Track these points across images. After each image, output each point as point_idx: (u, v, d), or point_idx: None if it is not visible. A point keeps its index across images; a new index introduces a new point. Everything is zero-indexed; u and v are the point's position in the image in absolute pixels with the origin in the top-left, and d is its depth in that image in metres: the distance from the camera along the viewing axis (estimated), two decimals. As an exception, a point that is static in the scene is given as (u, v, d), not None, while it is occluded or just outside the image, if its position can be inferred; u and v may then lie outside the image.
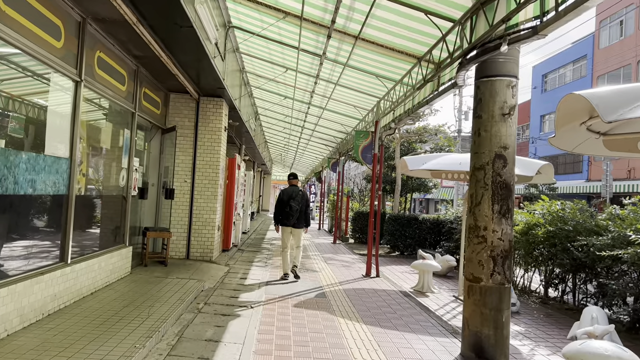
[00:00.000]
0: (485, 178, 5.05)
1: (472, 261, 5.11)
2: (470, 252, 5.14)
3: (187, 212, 9.57)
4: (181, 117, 9.65)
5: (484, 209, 5.04)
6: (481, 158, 5.09)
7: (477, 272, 5.04)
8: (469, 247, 5.18)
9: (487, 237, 5.01)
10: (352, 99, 10.99)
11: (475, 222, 5.11)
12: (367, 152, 9.94)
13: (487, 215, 5.02)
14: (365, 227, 17.68)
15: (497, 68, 5.05)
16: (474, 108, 5.25)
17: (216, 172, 9.68)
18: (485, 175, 5.05)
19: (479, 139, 5.12)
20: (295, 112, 14.87)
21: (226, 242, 11.13)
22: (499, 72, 5.05)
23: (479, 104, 5.16)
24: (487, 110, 5.07)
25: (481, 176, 5.08)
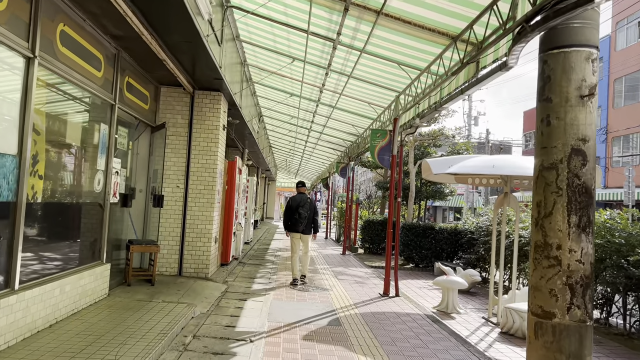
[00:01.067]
0: (558, 180, 3.82)
1: (540, 290, 3.86)
2: (538, 278, 3.89)
3: (180, 222, 8.37)
4: (173, 114, 8.48)
5: (556, 221, 3.80)
6: (552, 154, 3.86)
7: (548, 304, 3.79)
8: (535, 272, 3.94)
9: (562, 259, 3.76)
10: (367, 94, 9.79)
11: (544, 239, 3.87)
12: (385, 153, 8.74)
13: (561, 230, 3.78)
14: (375, 237, 16.49)
15: (572, 36, 3.83)
16: (540, 89, 4.03)
17: (213, 176, 8.49)
18: (559, 177, 3.81)
19: (549, 129, 3.89)
20: (302, 113, 13.69)
21: (225, 255, 9.92)
22: (575, 41, 3.82)
23: (547, 84, 3.93)
24: (559, 92, 3.84)
25: (552, 178, 3.85)
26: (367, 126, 12.47)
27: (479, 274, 11.59)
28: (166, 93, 8.47)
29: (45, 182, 4.81)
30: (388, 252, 8.77)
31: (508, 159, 9.01)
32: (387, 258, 8.77)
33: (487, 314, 8.08)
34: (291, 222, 8.94)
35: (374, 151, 8.76)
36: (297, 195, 9.20)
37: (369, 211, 23.52)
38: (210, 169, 8.47)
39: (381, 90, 9.23)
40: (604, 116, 33.40)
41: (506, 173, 7.98)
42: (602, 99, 33.31)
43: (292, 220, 8.92)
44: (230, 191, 9.94)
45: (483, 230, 12.26)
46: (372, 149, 8.75)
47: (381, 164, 8.83)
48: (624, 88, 32.00)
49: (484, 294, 10.45)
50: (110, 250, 6.82)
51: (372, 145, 8.77)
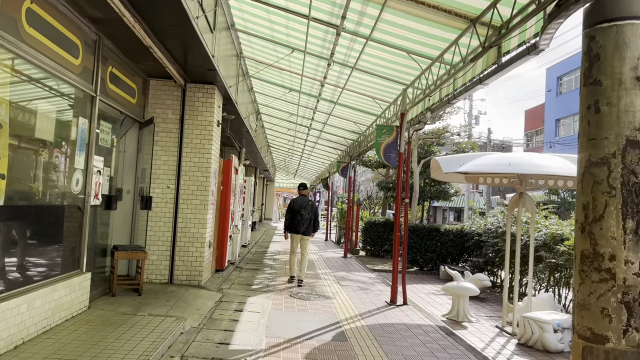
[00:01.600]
0: (610, 178, 3.20)
1: (589, 309, 3.25)
2: (586, 295, 3.28)
3: (170, 225, 7.74)
4: (163, 108, 7.85)
5: (608, 226, 3.18)
6: (602, 147, 3.24)
7: (599, 326, 3.17)
8: (582, 287, 3.32)
9: (617, 272, 3.15)
10: (371, 88, 9.17)
11: (593, 248, 3.25)
12: (391, 150, 8.12)
13: (614, 237, 3.16)
14: (377, 239, 15.90)
15: (626, 6, 3.23)
16: (585, 71, 3.41)
17: (206, 176, 7.87)
18: (611, 175, 3.20)
19: (598, 117, 3.28)
20: (301, 110, 13.07)
21: (220, 261, 9.30)
22: (630, 13, 3.22)
23: (594, 64, 3.32)
24: (610, 73, 3.23)
25: (603, 175, 3.23)
26: (370, 123, 11.86)
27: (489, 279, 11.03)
28: (155, 86, 7.85)
29: (10, 182, 4.18)
30: (395, 258, 8.16)
31: (524, 157, 8.35)
32: (394, 264, 8.16)
33: (501, 323, 7.51)
34: (293, 223, 9.14)
35: (379, 149, 8.15)
36: (299, 197, 9.37)
37: (369, 212, 22.92)
38: (203, 168, 7.85)
39: (387, 84, 8.61)
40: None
41: (523, 172, 7.37)
42: (605, 97, 32.71)
43: (294, 222, 9.11)
44: (225, 192, 9.32)
45: (492, 232, 11.67)
46: (377, 147, 8.14)
47: (387, 162, 8.23)
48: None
49: (495, 300, 9.87)
50: (92, 258, 6.19)
51: (378, 142, 8.16)
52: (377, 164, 18.46)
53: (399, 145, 8.07)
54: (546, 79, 41.41)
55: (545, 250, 8.77)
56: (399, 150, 8.09)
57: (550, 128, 40.29)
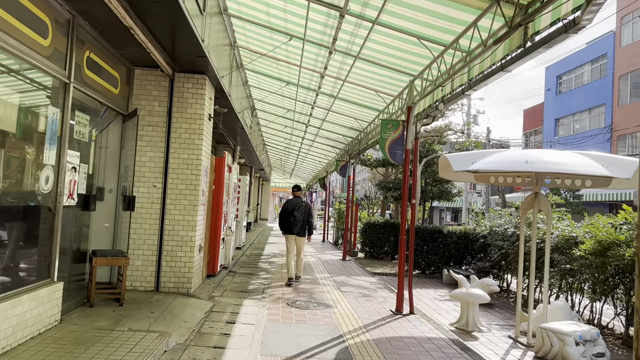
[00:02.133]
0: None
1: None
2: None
3: (157, 228, 7.09)
4: (149, 100, 7.20)
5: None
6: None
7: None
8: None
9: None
10: (375, 80, 8.54)
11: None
12: (397, 147, 7.50)
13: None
14: (377, 241, 15.33)
15: None
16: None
17: (196, 174, 7.22)
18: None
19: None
20: (299, 106, 12.44)
21: (212, 265, 8.65)
22: None
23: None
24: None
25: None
26: (372, 119, 11.24)
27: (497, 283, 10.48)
28: (141, 76, 7.19)
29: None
30: (401, 263, 7.53)
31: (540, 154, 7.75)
32: (400, 270, 7.53)
33: (514, 333, 6.94)
34: (286, 224, 9.26)
35: (384, 145, 7.52)
36: (293, 198, 9.54)
37: (368, 212, 22.31)
38: (193, 165, 7.20)
39: (392, 76, 7.99)
40: (608, 114, 32.42)
41: (542, 170, 6.76)
42: (606, 96, 32.35)
43: (288, 223, 9.24)
44: (218, 191, 8.68)
45: (499, 234, 11.09)
46: (382, 143, 7.51)
47: (393, 160, 7.60)
48: (629, 85, 31.00)
49: (503, 306, 9.31)
50: (67, 265, 5.53)
51: (382, 138, 7.53)
52: (377, 163, 17.84)
53: (406, 142, 7.46)
54: (545, 77, 40.95)
55: (558, 253, 8.20)
56: (405, 147, 7.47)
57: (550, 128, 39.85)
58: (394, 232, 15.73)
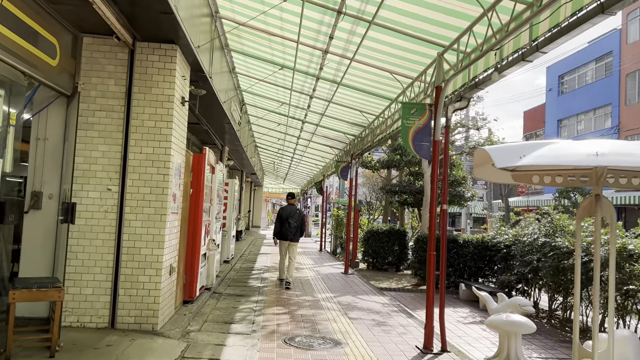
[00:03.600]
0: None
1: None
2: None
3: (112, 244, 5.38)
4: (103, 78, 5.50)
5: None
6: None
7: None
8: None
9: None
10: (392, 56, 6.89)
11: None
12: (423, 138, 5.86)
13: None
14: (380, 250, 13.84)
15: None
16: None
17: (164, 174, 5.53)
18: None
19: None
20: (295, 98, 10.80)
21: (190, 289, 6.94)
22: None
23: None
24: None
25: None
26: (381, 111, 9.62)
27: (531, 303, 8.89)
28: (91, 46, 5.50)
29: None
30: (430, 288, 5.86)
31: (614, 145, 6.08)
32: (429, 297, 5.86)
33: (573, 372, 5.28)
34: (281, 231, 9.60)
35: (407, 135, 5.87)
36: (287, 206, 9.92)
37: (368, 219, 20.67)
38: (159, 162, 5.51)
39: (414, 49, 6.36)
40: (615, 114, 31.16)
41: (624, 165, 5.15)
42: (612, 95, 31.07)
43: (282, 230, 9.58)
44: (196, 196, 6.99)
45: (527, 245, 9.54)
46: (404, 132, 5.86)
47: (417, 153, 5.96)
48: (637, 84, 29.73)
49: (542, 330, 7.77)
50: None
51: (405, 126, 5.88)
52: (380, 165, 16.20)
53: (434, 131, 5.82)
54: (546, 77, 39.73)
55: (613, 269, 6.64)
56: (433, 138, 5.84)
57: (552, 129, 38.55)
58: (399, 241, 14.27)
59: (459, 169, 14.67)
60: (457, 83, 6.21)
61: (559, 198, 26.01)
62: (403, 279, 13.06)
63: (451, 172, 14.35)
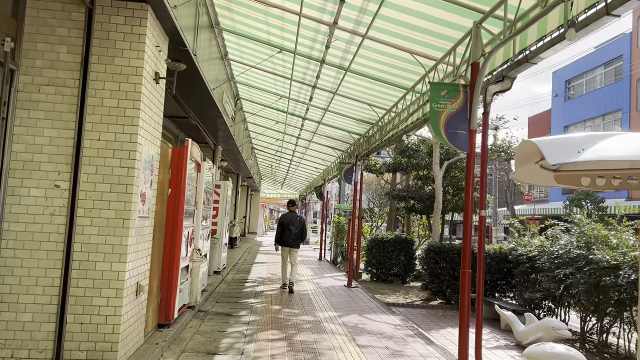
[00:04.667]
0: None
1: None
2: None
3: (60, 256, 4.17)
4: (52, 43, 4.32)
5: None
6: None
7: None
8: None
9: None
10: (414, 28, 5.74)
11: None
12: (458, 125, 4.69)
13: None
14: (385, 261, 12.77)
15: None
16: None
17: (129, 167, 4.33)
18: None
19: None
20: (295, 89, 9.65)
21: (166, 309, 5.71)
22: None
23: None
24: None
25: None
26: (391, 106, 8.46)
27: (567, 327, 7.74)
28: (37, 2, 4.32)
29: None
30: (464, 313, 4.67)
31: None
32: (463, 324, 4.66)
33: None
34: (282, 237, 9.81)
35: (437, 122, 4.69)
36: (288, 213, 10.09)
37: (371, 226, 19.47)
38: (123, 152, 4.31)
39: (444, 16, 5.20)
40: (625, 120, 30.13)
41: None
42: (622, 101, 30.06)
43: (283, 236, 9.79)
44: (176, 198, 5.77)
45: (556, 258, 8.39)
46: (434, 118, 4.68)
47: (452, 144, 4.77)
48: (647, 89, 28.71)
49: None
50: None
51: (435, 110, 4.70)
52: (388, 168, 15.01)
53: (470, 117, 4.65)
54: (552, 82, 38.79)
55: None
56: (469, 126, 4.67)
57: (558, 135, 37.50)
58: (406, 251, 13.14)
59: (472, 173, 13.51)
60: (496, 61, 5.04)
61: (569, 206, 24.79)
62: (410, 292, 11.94)
63: (464, 175, 13.21)
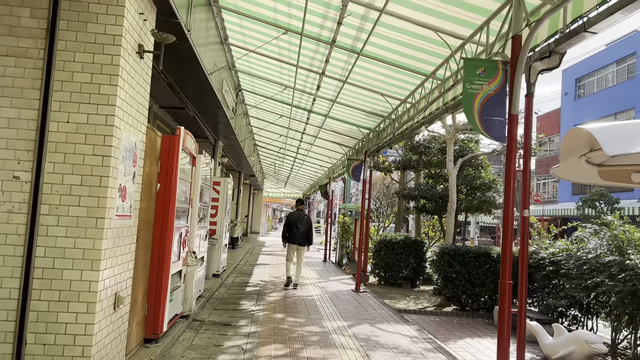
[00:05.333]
0: None
1: None
2: None
3: (19, 263, 3.45)
4: (10, 5, 3.58)
5: None
6: None
7: None
8: None
9: None
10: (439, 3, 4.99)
11: None
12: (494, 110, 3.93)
13: None
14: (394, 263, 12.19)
15: None
16: None
17: (104, 155, 3.59)
18: None
19: None
20: (301, 78, 8.91)
21: (154, 323, 4.97)
22: None
23: None
24: None
25: None
26: (407, 96, 7.71)
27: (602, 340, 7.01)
28: (-5, -44, 3.61)
29: None
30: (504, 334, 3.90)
31: None
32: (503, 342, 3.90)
33: None
34: (290, 236, 10.05)
35: (471, 106, 3.94)
36: (296, 212, 10.40)
37: (377, 227, 18.71)
38: (97, 137, 3.58)
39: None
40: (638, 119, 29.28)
41: None
42: (636, 99, 29.25)
43: (291, 234, 10.05)
44: (166, 194, 5.04)
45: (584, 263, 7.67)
46: (467, 101, 3.93)
47: (486, 132, 4.01)
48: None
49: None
50: None
51: (469, 92, 3.94)
52: (398, 166, 14.25)
53: (510, 100, 3.91)
54: (562, 81, 37.95)
55: None
56: (509, 110, 3.92)
57: (568, 134, 36.60)
58: (416, 253, 12.44)
59: (487, 170, 12.74)
60: (539, 36, 4.29)
61: (582, 207, 23.95)
62: (421, 297, 11.25)
63: (478, 173, 12.44)
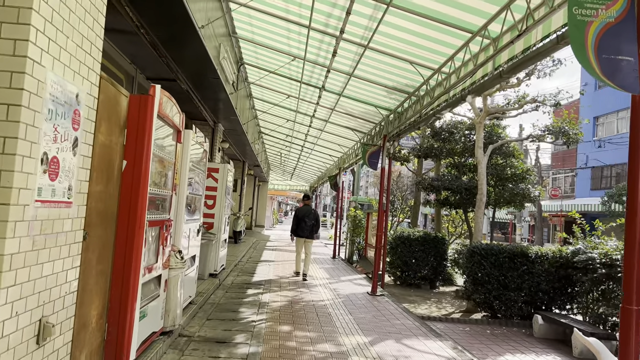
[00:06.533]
0: None
1: None
2: None
3: None
4: None
5: None
6: None
7: None
8: None
9: None
10: None
11: None
12: (618, 46, 2.61)
13: None
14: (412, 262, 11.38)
15: None
16: None
17: (13, 104, 2.26)
18: None
19: None
20: (314, 45, 7.55)
21: (118, 349, 3.65)
22: None
23: None
24: None
25: None
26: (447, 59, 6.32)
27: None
28: None
29: None
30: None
31: None
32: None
33: None
34: (297, 229, 10.54)
35: (582, 40, 2.56)
36: (303, 207, 10.86)
37: (392, 222, 17.37)
38: (1, 74, 2.25)
39: None
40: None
41: None
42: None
43: (299, 228, 10.52)
44: (134, 175, 3.70)
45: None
46: (575, 33, 2.53)
47: (608, 78, 2.65)
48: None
49: None
50: None
51: (578, 20, 2.56)
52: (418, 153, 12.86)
53: None
54: (581, 71, 36.33)
55: None
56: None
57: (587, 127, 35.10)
58: (436, 251, 11.26)
59: (519, 159, 11.35)
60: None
61: (607, 202, 22.39)
62: (443, 300, 10.08)
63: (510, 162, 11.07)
